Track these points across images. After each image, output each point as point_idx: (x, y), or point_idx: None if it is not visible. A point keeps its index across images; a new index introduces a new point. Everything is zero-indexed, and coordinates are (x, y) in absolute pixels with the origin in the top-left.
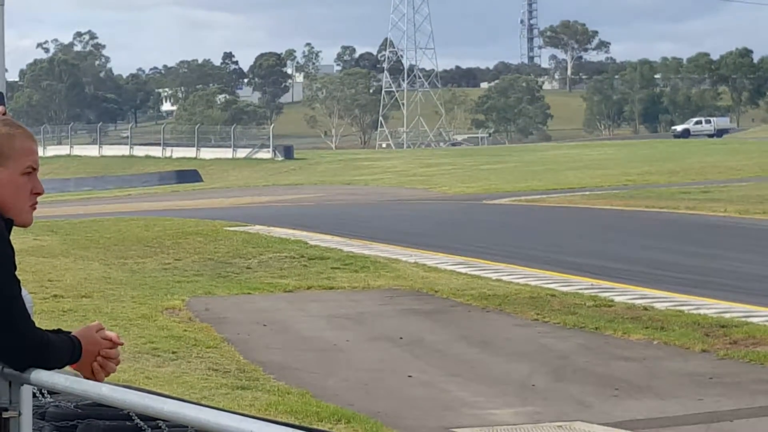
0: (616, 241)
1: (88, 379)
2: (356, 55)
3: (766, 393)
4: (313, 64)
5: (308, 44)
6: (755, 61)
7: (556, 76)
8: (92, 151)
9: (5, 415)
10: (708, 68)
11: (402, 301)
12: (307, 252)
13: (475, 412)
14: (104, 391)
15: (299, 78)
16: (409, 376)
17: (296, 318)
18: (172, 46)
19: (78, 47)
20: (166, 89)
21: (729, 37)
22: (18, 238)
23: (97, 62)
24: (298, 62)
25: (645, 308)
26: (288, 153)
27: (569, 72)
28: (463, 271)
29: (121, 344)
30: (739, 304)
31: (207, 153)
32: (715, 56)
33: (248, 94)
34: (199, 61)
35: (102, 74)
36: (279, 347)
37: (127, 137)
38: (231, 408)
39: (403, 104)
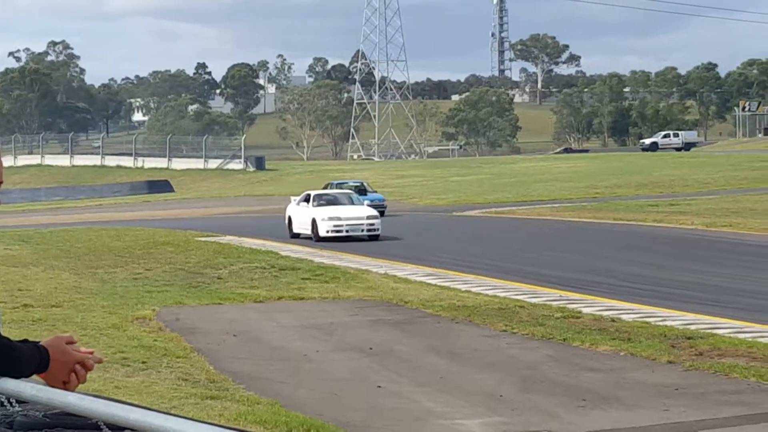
0: (584, 252)
1: (56, 388)
2: (328, 67)
3: (731, 404)
4: (285, 75)
5: (280, 56)
6: (721, 75)
7: (527, 89)
8: (64, 160)
9: None
10: (676, 82)
11: (372, 311)
12: (278, 262)
13: (443, 423)
14: (71, 400)
15: (271, 89)
16: (379, 387)
17: (266, 328)
18: (144, 56)
19: (52, 57)
20: (138, 99)
21: (695, 51)
22: None
23: (69, 72)
24: (270, 73)
25: (612, 320)
26: (259, 164)
27: (539, 85)
28: (433, 282)
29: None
30: (704, 315)
31: (178, 163)
32: (682, 70)
33: (220, 105)
34: (172, 72)
35: (74, 84)
36: (249, 357)
37: (99, 147)
38: (200, 418)
39: (374, 116)
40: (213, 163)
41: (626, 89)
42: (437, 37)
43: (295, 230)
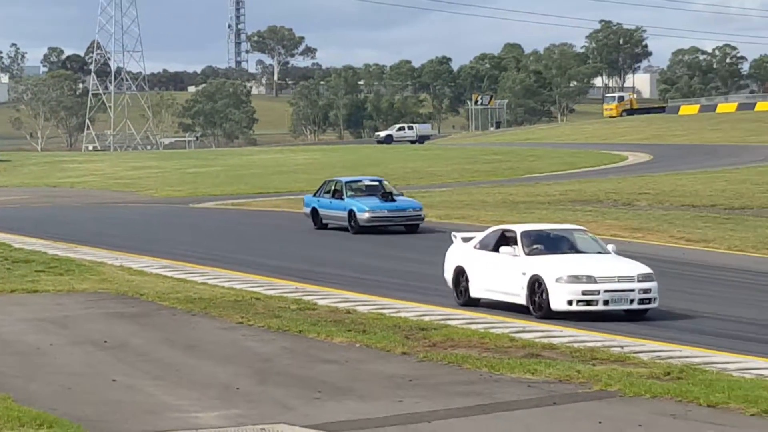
0: (321, 245)
1: None
2: (63, 57)
3: (463, 394)
4: (19, 65)
5: (14, 45)
6: (454, 69)
7: (264, 81)
8: None
9: None
10: (410, 75)
11: (107, 304)
12: (11, 255)
13: (178, 416)
14: None
15: (4, 79)
16: (114, 380)
17: None
18: None
19: None
20: None
21: (429, 45)
22: None
23: None
24: (3, 63)
25: (348, 311)
26: None
27: (276, 77)
28: (169, 274)
29: None
30: (438, 307)
31: None
32: (416, 64)
33: None
34: None
35: None
36: None
37: None
38: None
39: (110, 107)
40: None
41: (361, 82)
42: (174, 28)
43: (477, 293)
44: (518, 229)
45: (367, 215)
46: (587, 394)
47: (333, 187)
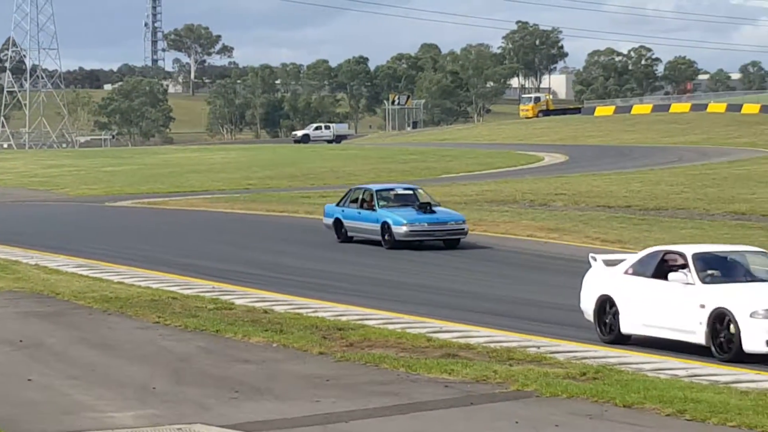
0: (237, 244)
1: None
2: None
3: (380, 394)
4: None
5: None
6: (371, 69)
7: (180, 80)
8: None
9: None
10: (327, 75)
11: (22, 303)
12: None
13: (94, 416)
14: None
15: None
16: (29, 380)
17: None
18: None
19: None
20: None
21: (346, 44)
22: None
23: None
24: None
25: (265, 311)
26: None
27: (192, 76)
28: (85, 273)
29: None
30: (355, 307)
31: None
32: (333, 63)
33: None
34: None
35: None
36: None
37: None
38: None
39: (25, 105)
40: None
41: (278, 81)
42: (90, 25)
43: (630, 328)
44: (687, 251)
45: (404, 229)
46: (504, 395)
47: (361, 196)
